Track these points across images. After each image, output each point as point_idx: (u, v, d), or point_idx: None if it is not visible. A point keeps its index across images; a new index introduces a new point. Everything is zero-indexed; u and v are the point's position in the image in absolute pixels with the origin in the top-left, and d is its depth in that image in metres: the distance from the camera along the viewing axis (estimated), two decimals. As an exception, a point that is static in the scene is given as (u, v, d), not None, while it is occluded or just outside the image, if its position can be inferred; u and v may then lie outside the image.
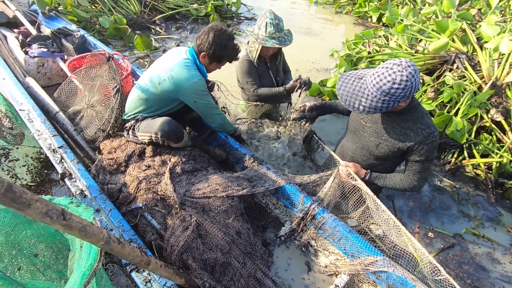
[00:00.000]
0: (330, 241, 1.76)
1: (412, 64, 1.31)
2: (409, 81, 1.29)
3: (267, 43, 2.19)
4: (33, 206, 0.66)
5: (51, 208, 0.68)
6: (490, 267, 1.82)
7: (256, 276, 1.66)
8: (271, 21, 2.17)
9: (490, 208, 2.23)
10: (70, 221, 0.73)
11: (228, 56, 1.89)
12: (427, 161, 1.57)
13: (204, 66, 1.91)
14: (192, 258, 1.57)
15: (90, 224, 0.79)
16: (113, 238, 0.87)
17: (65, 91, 2.46)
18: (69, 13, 3.80)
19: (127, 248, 0.94)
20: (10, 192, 0.63)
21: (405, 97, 1.34)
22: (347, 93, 1.44)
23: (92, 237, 0.80)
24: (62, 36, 3.05)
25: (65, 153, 1.84)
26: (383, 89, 1.32)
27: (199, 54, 1.85)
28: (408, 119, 1.53)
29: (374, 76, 1.35)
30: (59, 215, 0.70)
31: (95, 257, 0.85)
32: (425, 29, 3.56)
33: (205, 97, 1.88)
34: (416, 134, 1.51)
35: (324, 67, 3.98)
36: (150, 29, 4.32)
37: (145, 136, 1.91)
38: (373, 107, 1.38)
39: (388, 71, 1.31)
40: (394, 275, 1.50)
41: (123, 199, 1.79)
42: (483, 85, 2.66)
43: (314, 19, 5.86)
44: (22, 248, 1.16)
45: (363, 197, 1.76)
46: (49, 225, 0.69)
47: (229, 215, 1.78)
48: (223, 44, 1.80)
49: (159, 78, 1.83)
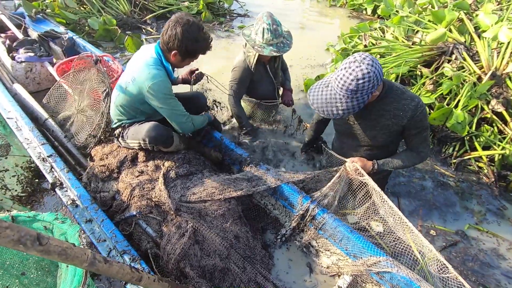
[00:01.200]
0: (331, 241, 1.72)
1: (366, 55, 1.33)
2: (371, 72, 1.30)
3: (265, 50, 2.08)
4: (3, 234, 0.60)
5: (24, 234, 0.62)
6: (495, 264, 1.78)
7: (257, 280, 1.62)
8: (269, 27, 2.04)
9: (494, 202, 2.19)
10: (47, 246, 0.67)
11: (201, 48, 1.72)
12: (423, 130, 1.59)
13: (176, 63, 1.76)
14: (189, 265, 1.52)
15: (71, 246, 0.73)
16: (99, 258, 0.82)
17: (54, 97, 2.39)
18: (57, 15, 3.71)
19: (115, 266, 0.88)
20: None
21: (374, 87, 1.35)
22: (321, 104, 1.45)
23: (74, 260, 0.74)
24: (50, 39, 2.97)
25: (55, 162, 1.78)
26: (351, 89, 1.34)
27: (168, 52, 1.69)
28: (391, 101, 1.54)
29: (338, 80, 1.36)
30: (34, 240, 0.64)
31: (79, 279, 0.79)
32: (421, 20, 3.49)
33: (169, 101, 1.72)
34: (404, 111, 1.52)
35: (319, 62, 3.91)
36: (141, 29, 4.23)
37: (134, 143, 1.86)
38: (350, 107, 1.40)
39: (348, 70, 1.33)
40: (398, 276, 1.45)
41: (116, 207, 1.73)
42: (483, 76, 2.60)
43: (308, 13, 5.77)
44: (9, 267, 1.10)
45: (368, 194, 1.72)
46: (24, 251, 0.63)
47: (226, 219, 1.73)
48: (194, 38, 1.63)
49: (126, 82, 1.75)
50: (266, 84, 2.43)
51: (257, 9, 5.45)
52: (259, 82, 2.40)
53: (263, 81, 2.41)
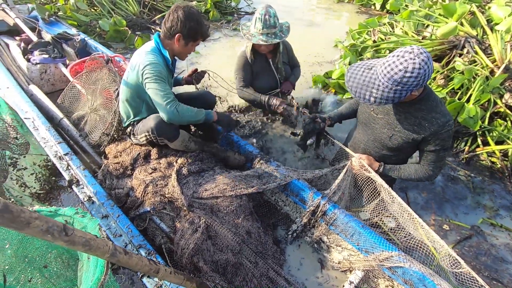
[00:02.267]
0: (342, 237, 1.72)
1: (424, 51, 1.24)
2: (422, 69, 1.22)
3: (253, 39, 2.15)
4: (33, 224, 0.63)
5: (51, 225, 0.66)
6: (508, 259, 1.76)
7: (269, 275, 1.64)
8: (260, 17, 2.11)
9: (507, 197, 2.16)
10: (72, 237, 0.70)
11: (202, 32, 1.77)
12: (442, 150, 1.52)
13: (179, 50, 1.79)
14: (203, 260, 1.55)
15: (94, 237, 0.76)
16: (119, 249, 0.85)
17: (68, 97, 2.45)
18: (69, 17, 3.79)
19: (134, 258, 0.91)
20: (6, 212, 0.60)
21: (418, 85, 1.28)
22: (357, 84, 1.38)
23: (97, 250, 0.77)
24: (62, 41, 3.04)
25: (71, 160, 1.83)
26: (395, 79, 1.26)
27: (171, 38, 1.73)
28: (422, 109, 1.47)
29: (385, 66, 1.29)
30: (60, 231, 0.67)
31: (102, 269, 0.83)
32: (431, 13, 3.44)
33: (156, 82, 1.68)
34: (431, 124, 1.45)
35: (328, 59, 3.90)
36: (150, 29, 4.29)
37: (142, 136, 1.88)
38: (385, 97, 1.32)
39: (400, 59, 1.25)
40: (411, 270, 1.46)
41: (131, 204, 1.77)
42: (496, 69, 2.56)
43: (315, 9, 5.75)
44: (32, 259, 1.15)
45: (377, 190, 1.72)
46: (51, 241, 0.67)
47: (238, 215, 1.76)
48: (196, 20, 1.70)
49: (127, 73, 1.81)
50: (267, 77, 2.45)
51: (264, 7, 5.45)
52: (260, 74, 2.43)
53: (264, 74, 2.43)
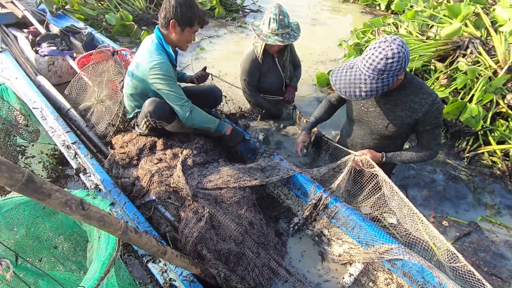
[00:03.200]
0: (343, 230, 1.75)
1: (396, 36, 1.33)
2: (401, 52, 1.30)
3: (269, 40, 2.14)
4: (53, 196, 0.67)
5: (70, 198, 0.69)
6: (508, 255, 1.79)
7: (270, 265, 1.67)
8: (275, 17, 2.11)
9: (508, 196, 2.18)
10: (88, 211, 0.74)
11: (198, 17, 1.75)
12: (436, 128, 1.59)
13: (177, 39, 1.78)
14: (206, 248, 1.58)
15: (108, 214, 0.80)
16: (130, 228, 0.88)
17: (75, 88, 2.48)
18: (76, 11, 3.83)
19: (144, 238, 0.95)
20: (31, 182, 0.64)
21: (402, 69, 1.35)
22: (344, 84, 1.45)
23: (110, 227, 0.81)
24: (70, 34, 3.07)
25: (79, 148, 1.87)
26: (379, 68, 1.33)
27: (167, 27, 1.73)
28: (408, 93, 1.54)
29: (366, 60, 1.36)
30: (78, 205, 0.71)
31: (113, 246, 0.86)
32: (436, 14, 3.46)
33: (168, 82, 1.73)
34: (421, 105, 1.52)
35: (332, 57, 3.93)
36: (156, 25, 4.32)
37: (142, 124, 1.91)
38: (374, 89, 1.39)
39: (378, 49, 1.32)
40: (410, 263, 1.48)
41: (136, 193, 1.81)
42: (499, 70, 2.58)
43: (320, 8, 5.77)
44: (42, 240, 1.18)
45: (378, 185, 1.74)
46: (68, 214, 0.70)
47: (241, 206, 1.79)
48: (188, 4, 1.69)
49: (131, 70, 1.83)
50: (274, 77, 2.47)
51: (269, 5, 5.47)
52: (267, 74, 2.45)
53: (271, 73, 2.45)
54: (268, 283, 1.63)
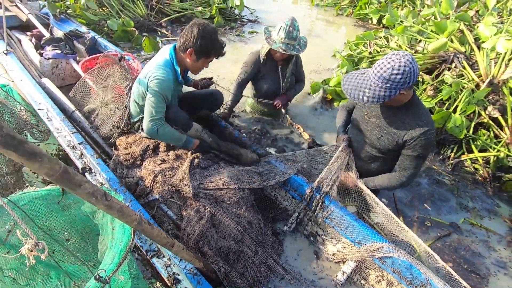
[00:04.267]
0: (337, 229, 1.84)
1: (409, 54, 1.42)
2: (407, 67, 1.37)
3: (274, 45, 2.28)
4: (83, 186, 0.76)
5: (96, 190, 0.78)
6: (486, 254, 1.92)
7: (268, 263, 1.75)
8: (286, 27, 2.25)
9: (488, 201, 2.33)
10: (111, 202, 0.82)
11: (215, 50, 1.84)
12: (419, 158, 1.65)
13: (191, 64, 1.87)
14: (207, 246, 1.66)
15: (126, 206, 0.89)
16: (144, 220, 0.97)
17: (79, 91, 2.55)
18: (78, 16, 3.91)
19: (156, 230, 1.03)
20: (66, 173, 0.72)
21: (406, 84, 1.42)
22: (352, 86, 1.55)
23: (127, 217, 0.89)
24: (74, 38, 3.14)
25: (85, 149, 1.94)
26: (384, 76, 1.41)
27: (184, 52, 1.81)
28: (408, 114, 1.62)
29: (375, 67, 1.46)
30: (102, 195, 0.80)
31: (129, 236, 0.94)
32: (424, 30, 3.67)
33: (156, 98, 1.79)
34: (414, 130, 1.59)
35: (326, 67, 4.09)
36: (157, 32, 4.43)
37: None
38: (376, 96, 1.47)
39: (388, 60, 1.42)
40: (399, 260, 1.57)
41: (140, 192, 1.88)
42: (481, 83, 2.76)
43: (315, 21, 5.98)
44: (56, 233, 1.25)
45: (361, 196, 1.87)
46: (93, 204, 0.79)
47: (240, 206, 1.88)
48: (209, 37, 1.77)
49: (140, 80, 1.91)
50: (272, 82, 2.59)
51: (266, 15, 5.67)
52: (266, 77, 2.57)
53: (270, 77, 2.57)
54: (265, 279, 1.70)
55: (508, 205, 2.31)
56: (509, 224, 2.16)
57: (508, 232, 2.09)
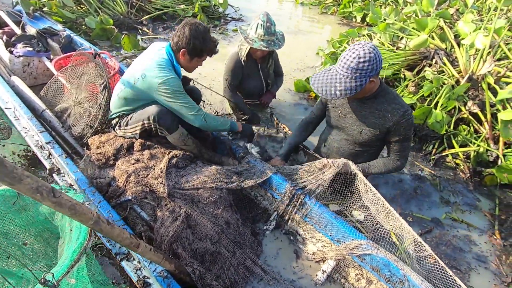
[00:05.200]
0: (316, 228, 1.81)
1: (370, 42, 1.45)
2: (372, 53, 1.41)
3: (255, 44, 2.23)
4: (24, 181, 0.69)
5: (41, 185, 0.71)
6: (466, 248, 1.91)
7: (246, 264, 1.70)
8: (262, 23, 2.20)
9: (469, 195, 2.34)
10: (59, 199, 0.75)
11: (208, 49, 1.85)
12: (406, 139, 1.68)
13: (185, 64, 1.88)
14: (182, 247, 1.59)
15: (80, 203, 0.82)
16: (103, 219, 0.90)
17: (51, 89, 2.45)
18: (54, 13, 3.78)
19: (117, 229, 0.96)
20: (1, 166, 0.65)
21: (374, 71, 1.45)
22: (321, 84, 1.55)
23: (81, 216, 0.82)
24: (47, 35, 3.03)
25: (53, 148, 1.85)
26: (352, 66, 1.43)
27: (177, 53, 1.82)
28: (382, 101, 1.64)
29: (341, 60, 1.48)
30: (49, 191, 0.73)
31: (85, 236, 0.88)
32: (406, 27, 3.69)
33: (178, 97, 1.81)
34: (393, 114, 1.62)
35: (310, 65, 4.07)
36: (137, 30, 4.33)
37: (137, 126, 1.91)
38: (348, 88, 1.48)
39: (351, 50, 1.44)
40: (378, 257, 1.56)
41: (112, 193, 1.80)
42: (461, 79, 2.78)
43: (300, 19, 5.97)
44: (11, 237, 1.17)
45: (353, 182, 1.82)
46: (39, 201, 0.72)
47: (218, 206, 1.82)
48: (201, 37, 1.77)
49: (134, 77, 1.84)
50: (255, 82, 2.55)
51: (251, 14, 5.62)
52: (249, 78, 2.52)
53: (253, 78, 2.52)
54: (244, 281, 1.65)
55: (488, 199, 2.32)
56: (489, 218, 2.16)
57: (488, 226, 2.10)
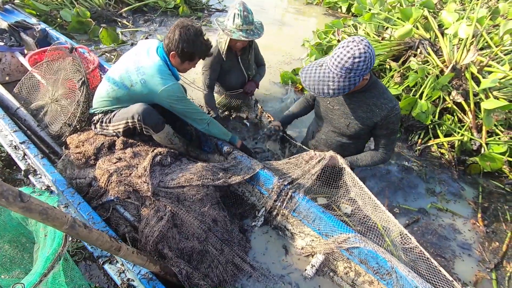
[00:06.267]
0: (305, 222, 1.80)
1: (364, 38, 1.39)
2: (367, 52, 1.36)
3: (234, 35, 2.16)
4: (-15, 187, 0.63)
5: (6, 189, 0.66)
6: (451, 237, 1.95)
7: (234, 262, 1.67)
8: (239, 13, 2.14)
9: (454, 184, 2.38)
10: (28, 203, 0.70)
11: (199, 52, 1.80)
12: (392, 134, 1.68)
13: (176, 66, 1.83)
14: (168, 247, 1.55)
15: (52, 207, 0.76)
16: (79, 223, 0.85)
17: (26, 86, 2.33)
18: (27, 6, 3.58)
19: (95, 233, 0.91)
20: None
21: (367, 69, 1.40)
22: (313, 82, 1.49)
23: (54, 220, 0.77)
24: (20, 29, 2.88)
25: (28, 148, 1.76)
26: (346, 67, 1.38)
27: (168, 54, 1.78)
28: (372, 95, 1.61)
29: (334, 58, 1.41)
30: (16, 196, 0.67)
31: (59, 242, 0.82)
32: (390, 17, 3.68)
33: (182, 102, 1.82)
34: (381, 109, 1.60)
35: (295, 57, 4.03)
36: (117, 22, 4.17)
37: (120, 124, 1.84)
38: (342, 87, 1.43)
39: (346, 49, 1.37)
40: (365, 250, 1.56)
41: (93, 193, 1.73)
42: (445, 69, 2.80)
43: (286, 11, 5.90)
44: (-18, 245, 1.10)
45: (340, 176, 1.82)
46: (5, 206, 0.67)
47: (204, 203, 1.78)
48: (191, 40, 1.72)
49: (130, 80, 1.76)
50: (237, 75, 2.49)
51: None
52: (230, 72, 2.46)
53: (234, 71, 2.47)
54: (232, 279, 1.63)
55: (472, 187, 2.37)
56: (472, 206, 2.20)
57: (472, 214, 2.14)
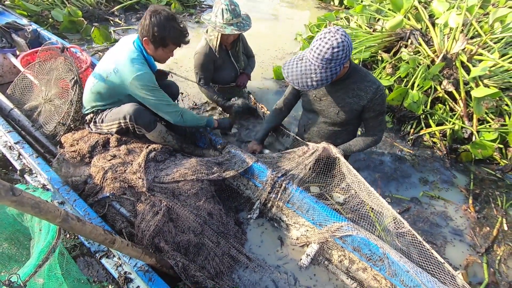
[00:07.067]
0: (299, 213, 1.83)
1: (339, 27, 1.43)
2: (345, 41, 1.39)
3: (226, 30, 2.15)
4: (-25, 182, 0.65)
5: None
6: (443, 223, 1.99)
7: (231, 253, 1.70)
8: (227, 7, 2.12)
9: (446, 172, 2.41)
10: (20, 197, 0.72)
11: (172, 38, 1.72)
12: (381, 114, 1.72)
13: (152, 55, 1.79)
14: (164, 241, 1.58)
15: (45, 201, 0.78)
16: (72, 216, 0.87)
17: (19, 87, 2.34)
18: (17, 7, 3.57)
19: (89, 226, 0.93)
20: None
21: (347, 57, 1.44)
22: (296, 76, 1.52)
23: (47, 214, 0.79)
24: (12, 30, 2.88)
25: (23, 148, 1.77)
26: (327, 57, 1.41)
27: (142, 41, 1.74)
28: (354, 81, 1.65)
29: (314, 50, 1.44)
30: (7, 190, 0.69)
31: (53, 235, 0.84)
32: (382, 8, 3.69)
33: (153, 92, 1.75)
34: (366, 92, 1.64)
35: (289, 51, 4.04)
36: (109, 21, 4.16)
37: (113, 124, 1.86)
38: (324, 78, 1.47)
39: (324, 40, 1.40)
40: (358, 238, 1.59)
41: (89, 191, 1.75)
42: (436, 59, 2.82)
43: (279, 5, 5.88)
44: (-20, 242, 1.12)
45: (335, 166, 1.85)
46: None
47: (199, 197, 1.80)
48: (161, 25, 1.65)
49: (106, 71, 1.76)
50: (229, 70, 2.50)
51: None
52: (222, 67, 2.46)
53: (226, 66, 2.47)
54: (229, 270, 1.66)
55: (464, 175, 2.40)
56: (464, 193, 2.24)
57: (463, 201, 2.18)
